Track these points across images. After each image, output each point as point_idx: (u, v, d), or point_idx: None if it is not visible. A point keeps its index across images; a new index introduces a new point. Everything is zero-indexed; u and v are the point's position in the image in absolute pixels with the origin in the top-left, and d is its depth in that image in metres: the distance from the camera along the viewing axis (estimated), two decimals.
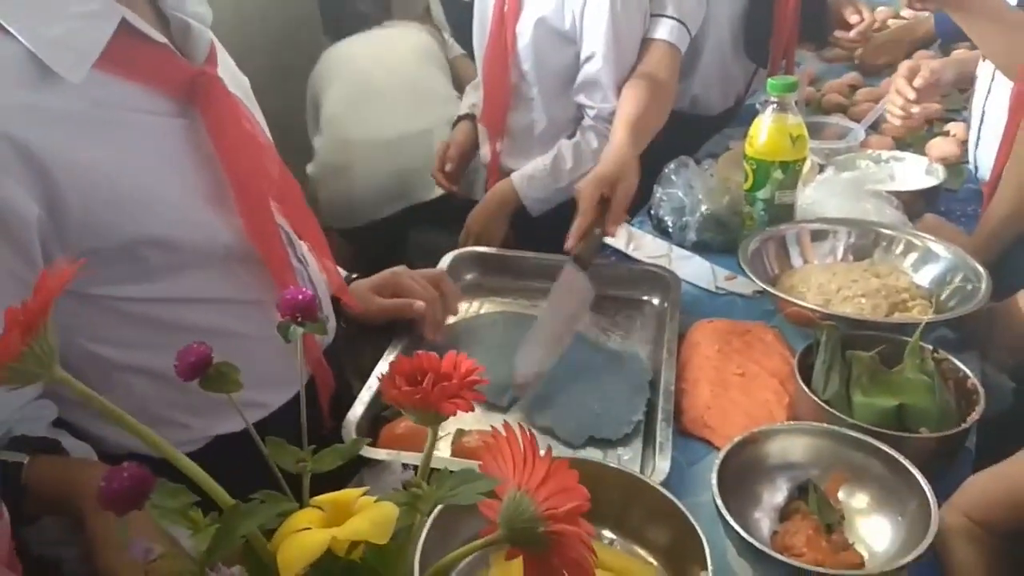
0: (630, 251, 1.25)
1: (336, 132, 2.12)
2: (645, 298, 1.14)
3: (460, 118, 1.65)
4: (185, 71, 0.74)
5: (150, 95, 0.72)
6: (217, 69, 0.78)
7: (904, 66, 1.42)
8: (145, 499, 0.33)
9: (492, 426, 0.42)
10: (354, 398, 0.92)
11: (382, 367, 0.96)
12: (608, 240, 1.27)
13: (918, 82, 1.37)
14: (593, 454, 0.88)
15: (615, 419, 0.91)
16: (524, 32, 1.38)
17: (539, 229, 1.44)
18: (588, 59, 1.36)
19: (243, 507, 0.35)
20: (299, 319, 0.44)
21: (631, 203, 1.11)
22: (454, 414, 0.40)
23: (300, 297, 0.43)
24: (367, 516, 0.34)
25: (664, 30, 1.36)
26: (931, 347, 0.85)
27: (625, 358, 1.01)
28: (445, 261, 1.19)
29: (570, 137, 1.44)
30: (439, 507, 0.62)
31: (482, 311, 1.14)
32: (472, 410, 0.41)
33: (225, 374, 0.40)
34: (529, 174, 1.43)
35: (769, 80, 1.12)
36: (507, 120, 1.47)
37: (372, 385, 0.93)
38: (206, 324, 0.79)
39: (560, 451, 0.88)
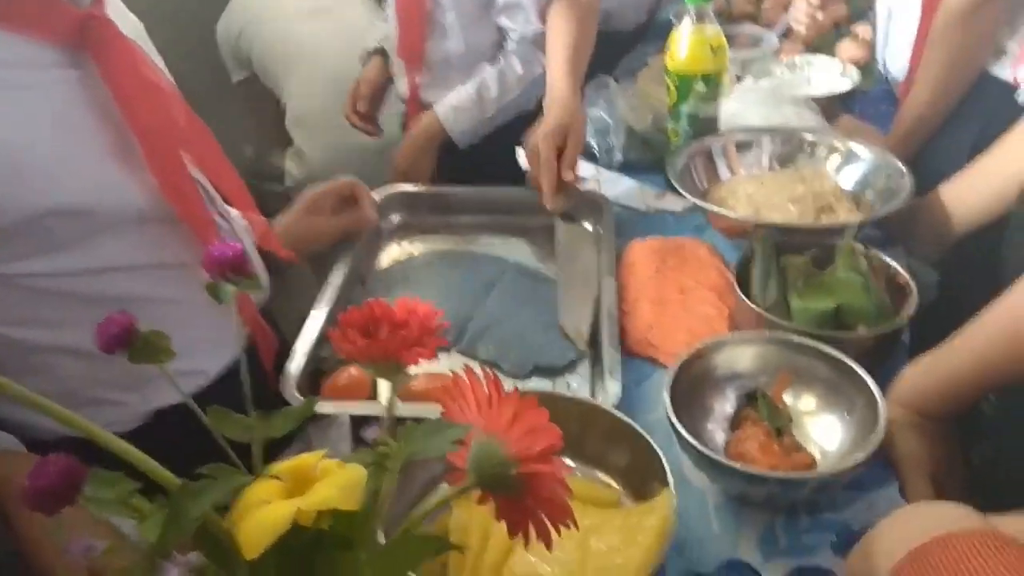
0: None
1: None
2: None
3: (370, 53, 1.56)
4: (72, 15, 0.66)
5: (36, 46, 0.65)
6: (106, 10, 0.70)
7: None
8: (77, 493, 0.30)
9: (452, 371, 0.39)
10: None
11: (316, 315, 0.92)
12: None
13: None
14: (541, 383, 0.87)
15: (559, 346, 0.90)
16: None
17: (461, 161, 1.40)
18: None
19: (192, 486, 0.32)
20: (229, 276, 0.39)
21: None
22: (416, 363, 0.37)
23: (228, 252, 0.39)
24: (333, 482, 0.31)
25: None
26: (862, 246, 0.87)
27: None
28: None
29: (492, 62, 1.38)
30: None
31: (415, 252, 1.10)
32: (435, 357, 0.39)
33: (153, 343, 0.36)
34: (454, 105, 1.37)
35: None
36: (424, 50, 1.39)
37: (307, 337, 0.89)
38: (128, 294, 0.73)
39: (506, 384, 0.87)
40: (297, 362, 0.85)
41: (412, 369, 0.80)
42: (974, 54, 1.03)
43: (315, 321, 0.91)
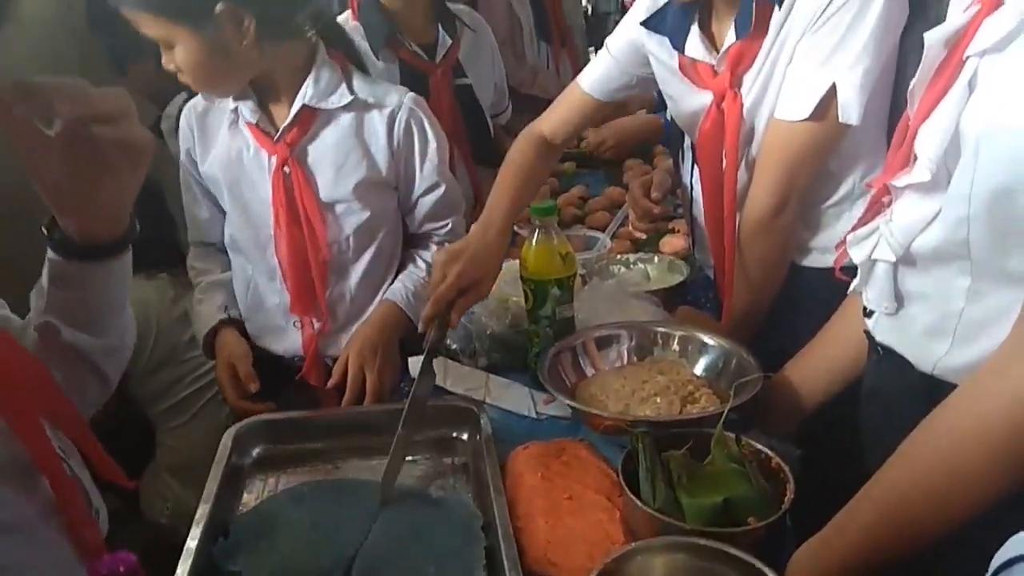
0: (447, 385, 1.20)
1: None
2: (455, 434, 1.09)
3: (215, 332, 1.38)
4: None
5: None
6: None
7: (637, 184, 1.58)
8: None
9: None
10: None
11: None
12: None
13: (656, 195, 1.53)
14: None
15: None
16: (346, 209, 1.33)
17: None
18: (428, 190, 1.39)
19: None
20: None
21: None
22: None
23: (121, 568, 0.33)
24: None
25: None
26: (733, 435, 0.91)
27: (450, 505, 0.95)
28: (227, 438, 1.04)
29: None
30: None
31: (280, 487, 1.01)
32: None
33: None
34: (412, 291, 1.36)
35: (532, 206, 1.17)
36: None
37: None
38: None
39: None
40: None
41: None
42: (779, 256, 1.17)
43: None
